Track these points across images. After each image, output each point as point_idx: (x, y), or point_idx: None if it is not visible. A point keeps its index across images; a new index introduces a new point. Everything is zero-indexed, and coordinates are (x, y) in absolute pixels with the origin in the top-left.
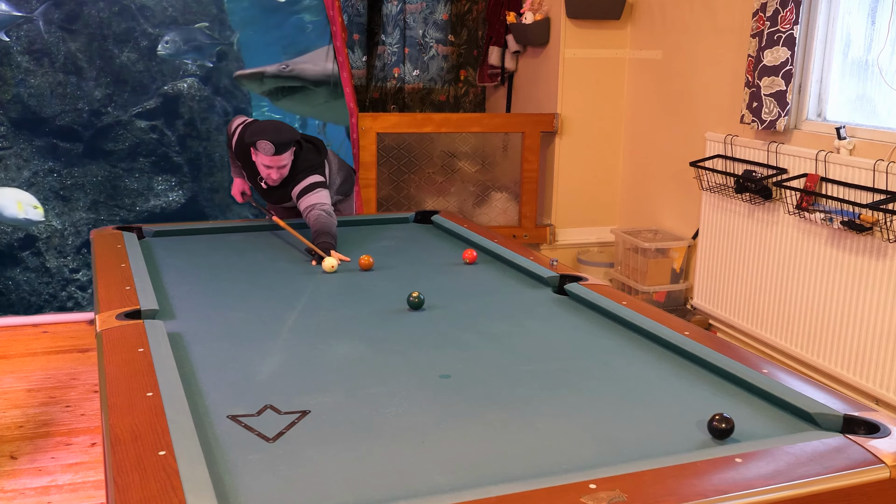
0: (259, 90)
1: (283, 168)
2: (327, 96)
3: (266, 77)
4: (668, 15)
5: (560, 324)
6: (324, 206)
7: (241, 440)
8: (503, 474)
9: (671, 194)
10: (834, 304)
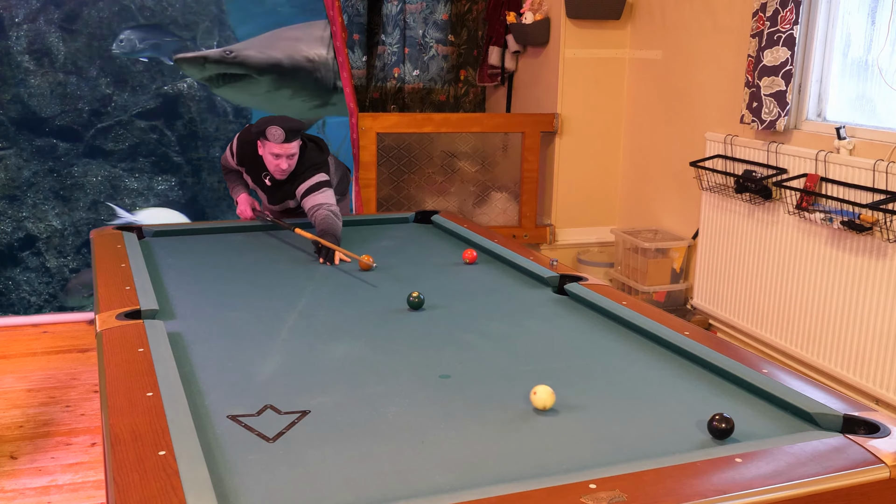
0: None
1: (292, 158)
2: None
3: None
4: (668, 15)
5: (560, 324)
6: (330, 207)
7: (241, 440)
8: (503, 474)
9: (671, 194)
10: (834, 304)
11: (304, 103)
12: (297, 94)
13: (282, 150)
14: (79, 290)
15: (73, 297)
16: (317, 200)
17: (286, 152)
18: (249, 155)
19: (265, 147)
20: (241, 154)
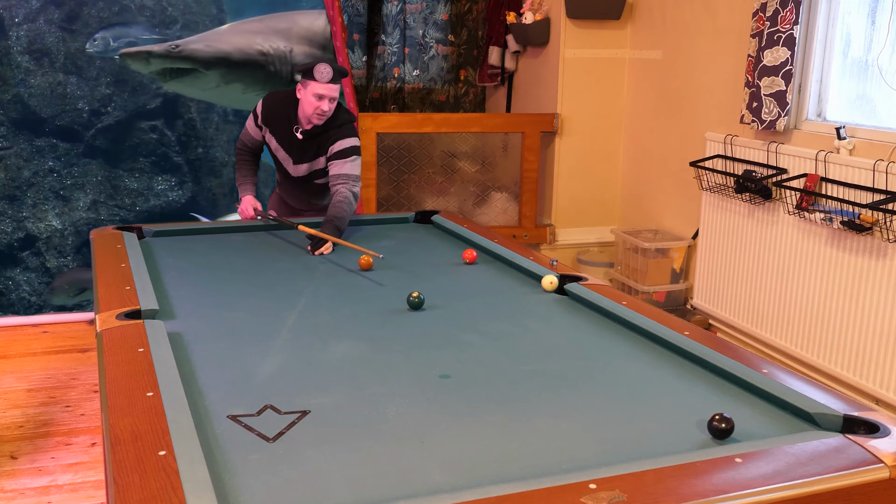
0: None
1: (333, 102)
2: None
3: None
4: (668, 15)
5: (560, 324)
6: (353, 187)
7: (241, 440)
8: (503, 474)
9: (671, 194)
10: (834, 304)
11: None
12: (250, 87)
13: (326, 90)
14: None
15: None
16: (344, 170)
17: (330, 93)
18: (278, 110)
19: (307, 88)
20: (267, 111)
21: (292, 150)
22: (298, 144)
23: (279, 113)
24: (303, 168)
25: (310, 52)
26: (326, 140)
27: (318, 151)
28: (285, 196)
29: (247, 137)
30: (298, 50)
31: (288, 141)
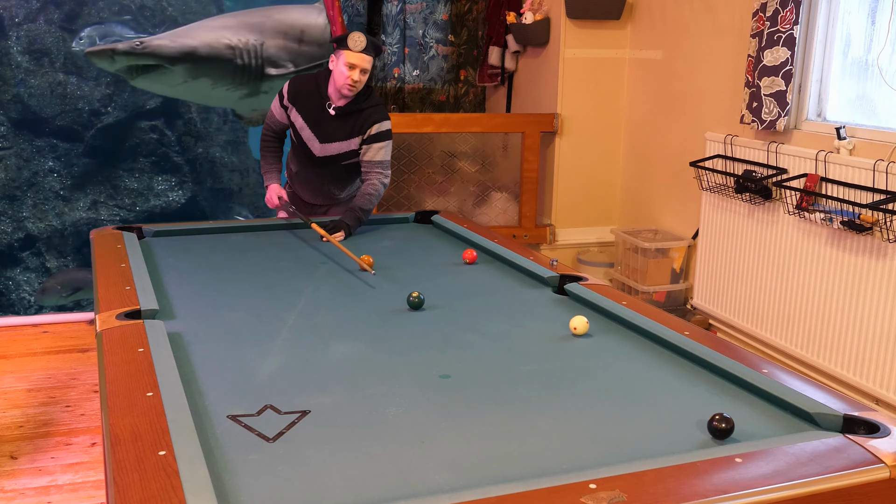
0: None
1: (364, 74)
2: None
3: (117, 54)
4: (668, 15)
5: (560, 324)
6: (385, 178)
7: (241, 440)
8: (503, 474)
9: (671, 194)
10: (834, 304)
11: (231, 92)
12: (218, 82)
13: (358, 59)
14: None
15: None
16: (379, 156)
17: (362, 64)
18: (307, 87)
19: (339, 58)
20: (295, 89)
21: (321, 127)
22: (329, 122)
23: (308, 90)
24: (332, 147)
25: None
26: (363, 119)
27: (352, 131)
28: (300, 188)
29: (272, 121)
30: (271, 44)
31: (316, 118)
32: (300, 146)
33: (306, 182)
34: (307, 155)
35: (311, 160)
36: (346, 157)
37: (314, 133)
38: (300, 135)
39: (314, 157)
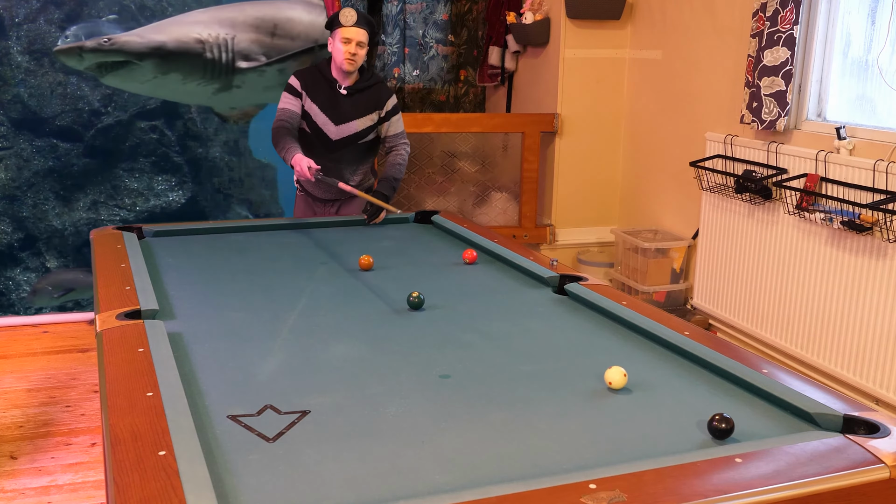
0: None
1: (361, 47)
2: None
3: (85, 52)
4: (668, 15)
5: (560, 324)
6: (407, 148)
7: (241, 440)
8: (503, 474)
9: (671, 194)
10: (834, 304)
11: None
12: (188, 77)
13: (353, 33)
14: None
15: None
16: (400, 128)
17: (357, 37)
18: (314, 75)
19: (335, 37)
20: (304, 78)
21: (335, 110)
22: (342, 102)
23: (315, 77)
24: (348, 127)
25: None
26: (377, 95)
27: (367, 106)
28: (314, 184)
29: (284, 114)
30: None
31: (328, 102)
32: (315, 135)
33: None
34: (323, 142)
35: (326, 146)
36: (363, 134)
37: (329, 116)
38: (315, 122)
39: (330, 141)
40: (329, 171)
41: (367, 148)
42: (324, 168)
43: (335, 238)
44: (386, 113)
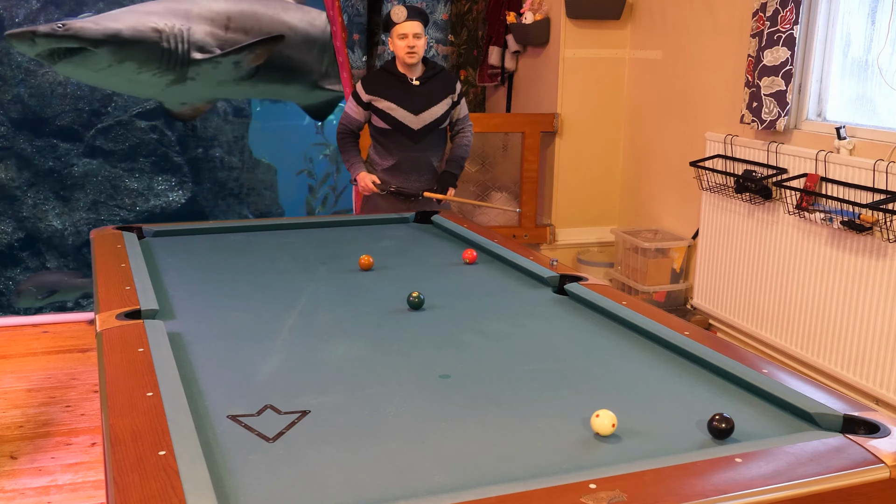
0: (31, 52)
1: (419, 38)
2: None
3: (38, 37)
4: (668, 15)
5: (560, 324)
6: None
7: (241, 440)
8: (503, 474)
9: (671, 194)
10: (834, 304)
11: (157, 77)
12: (144, 66)
13: (407, 28)
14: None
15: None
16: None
17: (412, 30)
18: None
19: (392, 36)
20: (370, 83)
21: (411, 102)
22: (417, 93)
23: (382, 78)
24: (428, 114)
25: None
26: (447, 79)
27: (443, 92)
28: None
29: (348, 121)
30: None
31: (403, 95)
32: (397, 130)
33: (409, 166)
34: (407, 135)
35: (411, 138)
36: (442, 119)
37: (407, 109)
38: (394, 118)
39: (414, 132)
40: (415, 163)
41: (444, 134)
42: (410, 160)
43: (335, 238)
44: (458, 96)
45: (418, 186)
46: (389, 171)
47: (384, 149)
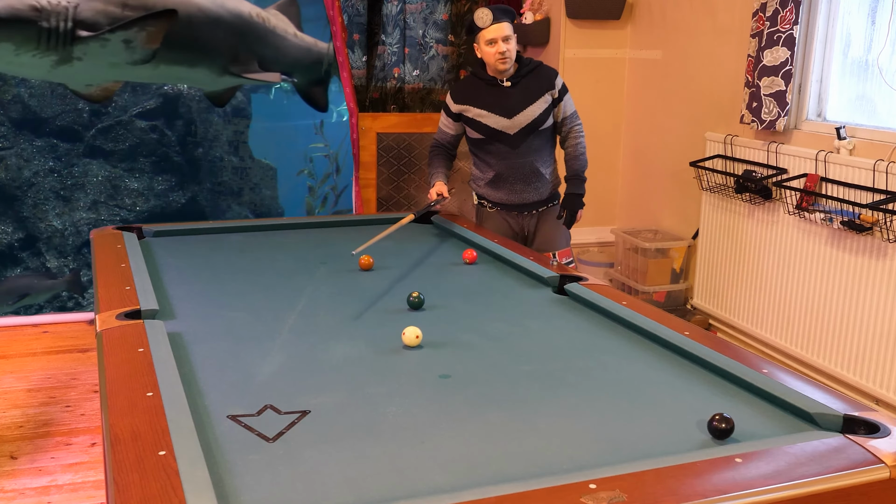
0: None
1: (508, 41)
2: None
3: None
4: (668, 15)
5: (560, 324)
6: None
7: (241, 440)
8: (503, 474)
9: (671, 194)
10: (834, 304)
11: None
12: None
13: (494, 32)
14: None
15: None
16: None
17: (500, 34)
18: (470, 84)
19: (479, 43)
20: (459, 93)
21: (502, 105)
22: (508, 95)
23: (472, 84)
24: (523, 116)
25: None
26: (544, 76)
27: (538, 89)
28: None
29: (439, 135)
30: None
31: (493, 101)
32: (492, 138)
33: (512, 176)
34: (502, 141)
35: (508, 144)
36: (541, 120)
37: (499, 113)
38: (485, 125)
39: (510, 137)
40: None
41: (548, 136)
42: (513, 169)
43: (335, 238)
44: (559, 92)
45: (528, 198)
46: (493, 185)
47: (483, 161)
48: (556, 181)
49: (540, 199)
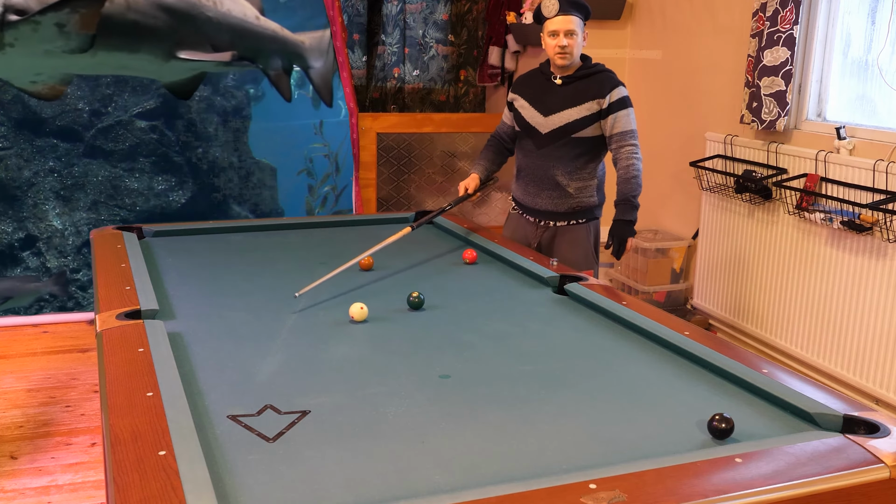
0: None
1: (571, 37)
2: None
3: None
4: (668, 15)
5: (560, 324)
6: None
7: (241, 440)
8: (503, 474)
9: (671, 194)
10: (834, 304)
11: None
12: None
13: (558, 24)
14: None
15: None
16: (630, 125)
17: (563, 27)
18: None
19: (544, 32)
20: (517, 82)
21: (543, 101)
22: (554, 93)
23: (531, 77)
24: (559, 118)
25: None
26: (598, 83)
27: (585, 95)
28: (524, 187)
29: (500, 126)
30: None
31: (538, 93)
32: (525, 132)
33: (529, 176)
34: (532, 137)
35: (536, 141)
36: (577, 127)
37: (537, 109)
38: (524, 118)
39: (540, 135)
40: (535, 174)
41: (586, 148)
42: (530, 169)
43: (335, 238)
44: (609, 105)
45: (540, 204)
46: (516, 180)
47: (517, 155)
48: (590, 199)
49: (554, 211)
